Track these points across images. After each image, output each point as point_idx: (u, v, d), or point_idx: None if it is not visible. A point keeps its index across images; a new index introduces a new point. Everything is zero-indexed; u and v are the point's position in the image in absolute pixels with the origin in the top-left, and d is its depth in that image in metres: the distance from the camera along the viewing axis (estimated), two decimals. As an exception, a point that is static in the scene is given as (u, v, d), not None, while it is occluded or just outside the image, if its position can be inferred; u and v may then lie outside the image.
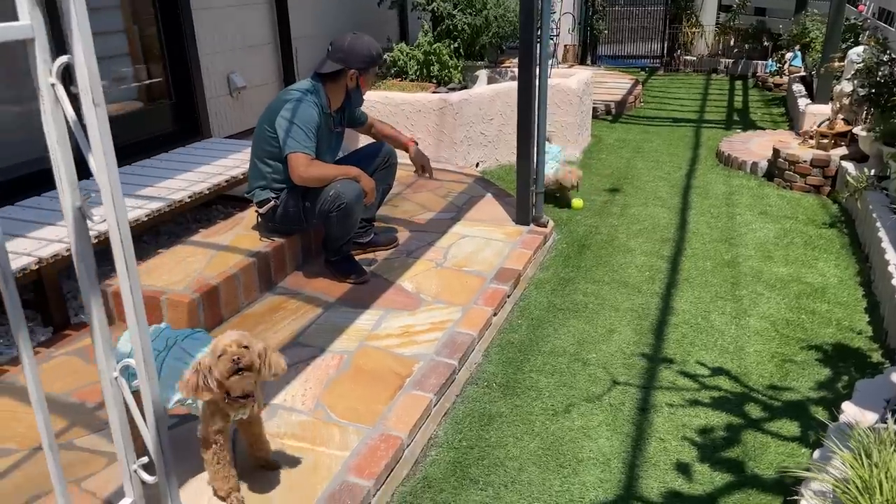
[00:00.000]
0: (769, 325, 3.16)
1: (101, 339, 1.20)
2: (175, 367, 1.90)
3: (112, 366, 1.20)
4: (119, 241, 1.11)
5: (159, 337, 2.00)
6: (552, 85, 5.72)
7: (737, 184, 5.14)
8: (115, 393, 1.22)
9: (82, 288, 1.19)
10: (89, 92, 1.05)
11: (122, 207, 1.14)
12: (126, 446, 1.27)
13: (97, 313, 1.19)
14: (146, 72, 4.38)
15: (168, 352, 1.95)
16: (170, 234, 3.97)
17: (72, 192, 1.15)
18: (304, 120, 3.11)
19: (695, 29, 10.47)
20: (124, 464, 1.29)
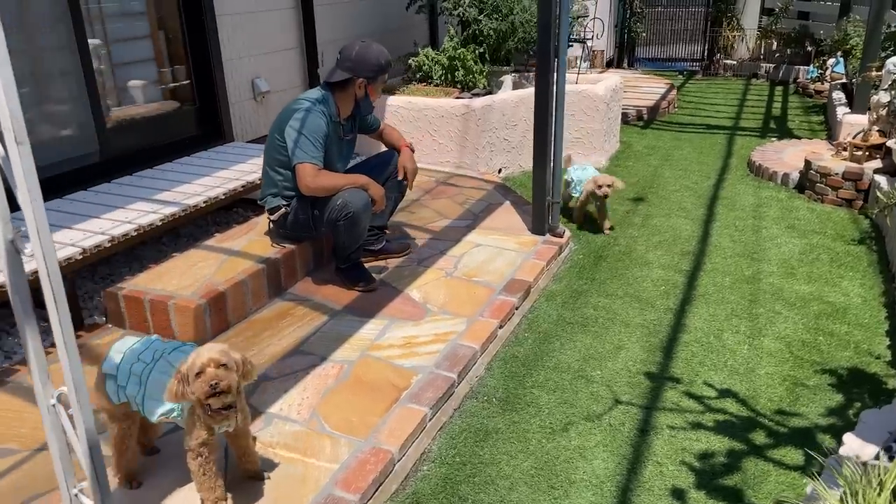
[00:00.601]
0: (784, 346, 3.06)
1: (38, 368, 1.22)
2: (160, 381, 1.93)
3: (49, 393, 1.22)
4: (46, 273, 1.12)
5: (147, 349, 2.03)
6: (578, 91, 5.67)
7: (766, 195, 5.00)
8: (52, 420, 1.24)
9: (17, 318, 1.21)
10: (11, 131, 1.06)
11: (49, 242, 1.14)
12: (66, 470, 1.29)
13: (32, 343, 1.20)
14: (171, 76, 4.47)
15: (154, 364, 1.98)
16: (189, 236, 4.04)
17: (3, 226, 1.16)
18: (312, 130, 3.13)
19: (735, 32, 10.23)
20: (64, 488, 1.31)
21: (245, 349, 2.90)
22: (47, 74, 3.67)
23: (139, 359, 1.99)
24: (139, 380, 1.96)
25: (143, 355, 2.00)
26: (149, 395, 1.94)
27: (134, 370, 1.97)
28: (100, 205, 3.43)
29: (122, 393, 1.97)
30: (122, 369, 1.97)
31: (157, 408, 1.94)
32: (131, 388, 1.97)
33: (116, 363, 1.98)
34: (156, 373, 1.94)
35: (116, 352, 2.02)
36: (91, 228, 3.14)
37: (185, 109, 4.52)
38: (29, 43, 3.58)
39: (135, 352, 2.02)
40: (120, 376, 1.97)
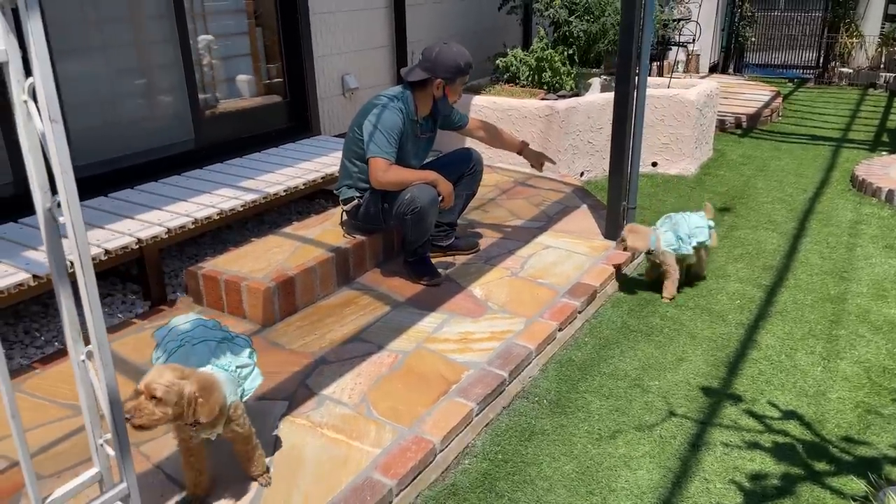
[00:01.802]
0: (862, 370, 2.87)
1: (70, 326, 1.33)
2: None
3: (80, 350, 1.33)
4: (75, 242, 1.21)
5: (171, 334, 2.11)
6: (670, 95, 5.51)
7: (866, 212, 4.68)
8: (82, 375, 1.35)
9: (53, 279, 1.32)
10: (46, 109, 1.16)
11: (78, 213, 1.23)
12: (93, 422, 1.41)
13: (65, 302, 1.32)
14: (264, 71, 4.71)
15: (175, 353, 2.01)
16: (271, 223, 4.25)
17: (42, 196, 1.27)
18: (388, 126, 3.22)
19: (854, 39, 9.60)
20: (91, 438, 1.43)
21: (308, 333, 3.03)
22: (151, 66, 3.97)
23: (181, 334, 2.08)
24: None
25: (192, 334, 2.08)
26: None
27: (170, 348, 2.05)
28: (189, 189, 3.67)
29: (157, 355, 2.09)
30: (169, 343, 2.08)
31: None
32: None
33: (177, 331, 2.11)
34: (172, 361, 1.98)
35: (178, 322, 2.15)
36: (178, 211, 3.36)
37: (276, 103, 4.75)
38: (136, 36, 3.88)
39: (178, 332, 2.10)
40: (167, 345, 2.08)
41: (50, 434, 2.37)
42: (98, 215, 3.32)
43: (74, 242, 1.22)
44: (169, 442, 2.31)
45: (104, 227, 3.17)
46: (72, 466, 2.22)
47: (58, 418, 2.45)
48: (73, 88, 3.57)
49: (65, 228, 1.27)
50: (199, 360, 2.01)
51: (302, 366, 2.77)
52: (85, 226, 3.19)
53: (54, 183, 1.22)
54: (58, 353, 2.87)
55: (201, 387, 1.78)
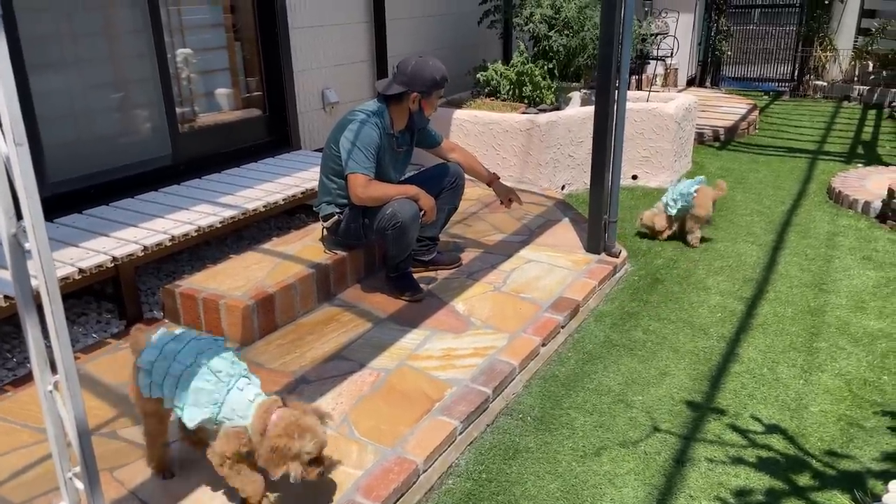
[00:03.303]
0: (843, 383, 2.88)
1: (37, 355, 1.29)
2: (203, 389, 1.98)
3: (47, 380, 1.29)
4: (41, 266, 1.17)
5: (185, 349, 2.04)
6: (649, 109, 5.56)
7: (843, 224, 4.73)
8: (49, 406, 1.31)
9: (19, 307, 1.27)
10: (11, 132, 1.12)
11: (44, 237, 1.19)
12: (61, 455, 1.36)
13: (32, 331, 1.27)
14: (243, 85, 4.67)
15: (194, 368, 2.00)
16: (251, 239, 4.20)
17: (7, 221, 1.22)
18: (365, 142, 3.19)
19: (828, 52, 9.76)
20: (59, 471, 1.38)
21: (288, 352, 2.98)
22: (127, 80, 3.91)
23: (177, 359, 2.02)
24: (176, 382, 2.00)
25: (181, 356, 2.03)
26: (193, 403, 1.99)
27: (172, 371, 2.01)
28: (166, 205, 3.62)
29: (157, 390, 2.03)
30: (158, 367, 2.03)
31: (198, 415, 1.99)
32: (168, 390, 2.01)
33: (152, 360, 2.05)
34: (199, 381, 1.98)
35: (152, 347, 2.09)
36: (155, 228, 3.31)
37: (255, 117, 4.71)
38: (112, 50, 3.82)
39: (172, 351, 2.05)
40: (155, 374, 2.02)
41: (21, 460, 2.30)
42: (72, 233, 3.25)
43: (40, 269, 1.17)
44: (143, 467, 2.25)
45: (78, 245, 3.10)
46: (44, 493, 2.15)
47: (29, 443, 2.38)
48: (47, 103, 3.51)
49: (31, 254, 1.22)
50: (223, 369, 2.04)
51: (282, 385, 2.72)
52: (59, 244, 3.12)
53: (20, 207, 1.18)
54: (30, 376, 2.80)
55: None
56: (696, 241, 4.33)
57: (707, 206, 4.26)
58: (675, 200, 4.27)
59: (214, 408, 1.99)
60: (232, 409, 1.99)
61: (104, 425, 2.48)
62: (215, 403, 1.99)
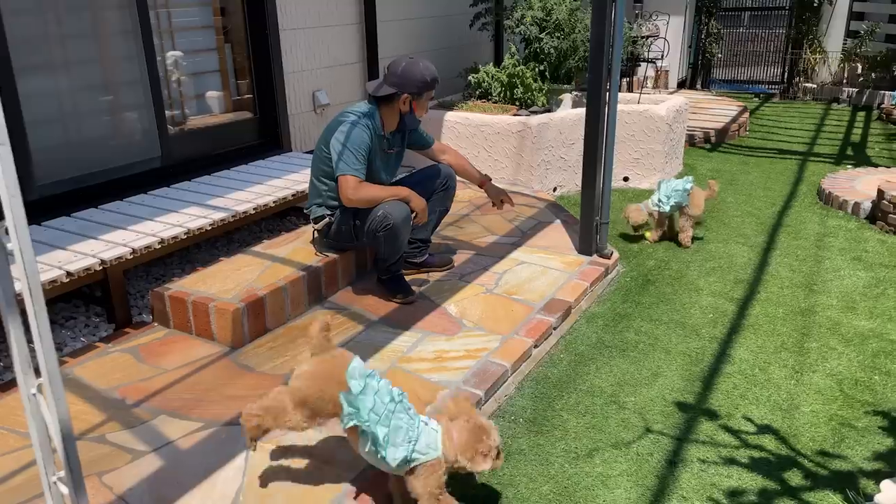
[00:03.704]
0: (834, 383, 2.89)
1: (20, 358, 1.27)
2: (399, 428, 1.98)
3: (30, 383, 1.27)
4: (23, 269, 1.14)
5: (382, 390, 2.02)
6: (640, 111, 5.57)
7: (833, 225, 4.75)
8: (32, 409, 1.29)
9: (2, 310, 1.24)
10: None
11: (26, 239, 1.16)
12: (45, 459, 1.34)
13: (14, 333, 1.25)
14: (233, 87, 4.65)
15: (395, 406, 2.00)
16: (241, 241, 4.17)
17: None
18: (356, 143, 3.18)
19: (817, 55, 9.82)
20: (43, 475, 1.36)
21: (279, 355, 2.96)
22: (116, 83, 3.88)
23: (377, 397, 2.00)
24: (379, 418, 1.97)
25: (382, 393, 2.01)
26: (392, 443, 1.97)
27: (376, 408, 1.98)
28: (156, 208, 3.59)
29: (357, 421, 1.98)
30: (363, 399, 1.98)
31: (399, 454, 1.97)
32: (372, 420, 1.97)
33: (359, 389, 1.97)
34: (396, 420, 1.98)
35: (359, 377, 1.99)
36: (144, 230, 3.28)
37: (245, 119, 4.68)
38: (101, 52, 3.80)
39: (373, 389, 2.00)
40: (362, 407, 1.97)
41: (7, 465, 2.27)
42: (61, 236, 3.22)
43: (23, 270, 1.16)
44: (131, 471, 2.23)
45: (66, 249, 3.08)
46: (30, 499, 2.12)
47: (15, 448, 2.35)
48: (35, 105, 3.48)
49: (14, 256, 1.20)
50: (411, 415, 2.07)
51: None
52: (47, 246, 3.09)
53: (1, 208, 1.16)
54: (16, 380, 2.77)
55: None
56: (687, 241, 4.34)
57: (700, 204, 4.32)
58: (669, 197, 4.27)
59: (410, 445, 1.99)
60: (426, 444, 2.01)
61: (92, 430, 2.45)
62: (410, 441, 1.99)
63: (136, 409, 2.58)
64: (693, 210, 4.28)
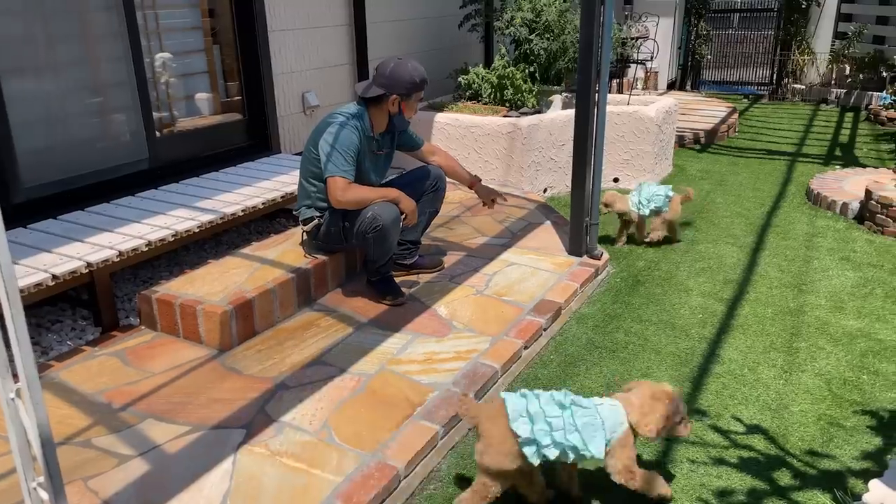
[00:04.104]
0: (823, 383, 2.90)
1: None
2: (591, 424, 2.06)
3: (9, 387, 1.25)
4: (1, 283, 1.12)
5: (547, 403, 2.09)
6: (630, 112, 5.58)
7: (822, 225, 4.77)
8: (11, 413, 1.27)
9: None
10: None
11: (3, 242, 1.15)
12: (25, 465, 1.32)
13: None
14: (222, 89, 4.63)
15: (571, 410, 2.07)
16: (229, 243, 4.15)
17: None
18: (345, 145, 3.17)
19: (806, 56, 9.89)
20: (23, 481, 1.34)
21: (267, 357, 2.94)
22: (103, 84, 3.85)
23: (547, 415, 2.05)
24: (565, 429, 2.04)
25: (548, 409, 2.06)
26: (590, 440, 2.05)
27: (555, 425, 2.04)
28: (143, 210, 3.57)
29: (551, 451, 2.04)
30: (539, 431, 2.03)
31: (600, 443, 2.06)
32: (560, 437, 2.03)
33: (530, 428, 2.03)
34: (580, 418, 2.06)
35: (520, 420, 2.05)
36: (131, 233, 3.25)
37: (234, 121, 4.66)
38: (88, 53, 3.77)
39: (540, 413, 2.06)
40: (540, 438, 2.03)
41: (-10, 471, 2.24)
42: (46, 238, 3.19)
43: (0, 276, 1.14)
44: (117, 476, 2.21)
45: (52, 251, 3.05)
46: (13, 505, 2.10)
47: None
48: (21, 108, 3.44)
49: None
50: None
51: (261, 392, 2.68)
52: (32, 249, 3.06)
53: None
54: None
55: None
56: (656, 238, 4.37)
57: (678, 209, 4.35)
58: (650, 201, 4.27)
59: (603, 432, 2.07)
60: (612, 423, 2.08)
61: (78, 434, 2.43)
62: (601, 428, 2.07)
63: (122, 412, 2.56)
64: (672, 215, 4.32)
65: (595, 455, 2.06)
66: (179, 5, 4.34)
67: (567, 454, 2.06)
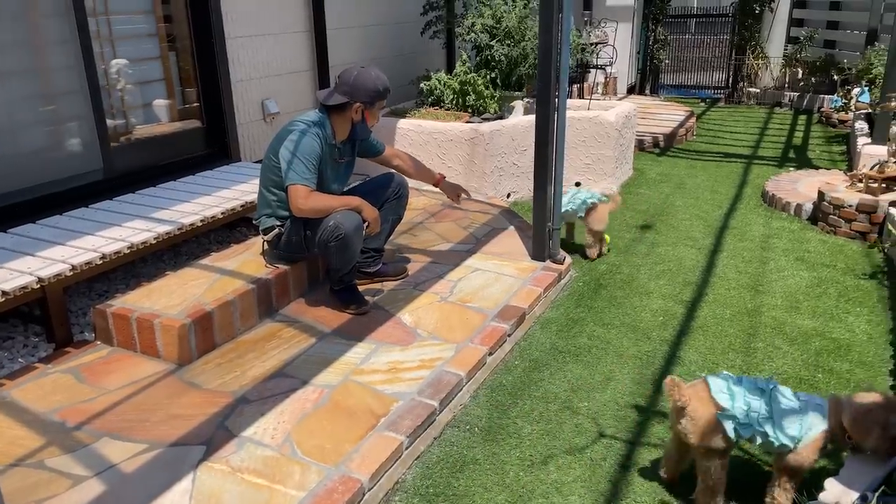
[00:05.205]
0: (780, 382, 2.94)
1: None
2: (787, 410, 2.13)
3: None
4: None
5: (748, 388, 2.17)
6: (590, 117, 5.64)
7: (777, 226, 4.88)
8: None
9: None
10: None
11: None
12: None
13: None
14: (179, 96, 4.54)
15: (769, 396, 2.15)
16: (189, 254, 4.07)
17: None
18: (306, 153, 3.14)
19: (760, 60, 10.13)
20: None
21: (227, 371, 2.89)
22: (53, 93, 3.75)
23: (747, 398, 2.15)
24: (759, 414, 2.13)
25: (749, 394, 2.16)
26: (777, 425, 2.12)
27: (753, 407, 2.13)
28: (97, 222, 3.48)
29: (746, 430, 2.13)
30: (739, 409, 2.13)
31: (792, 430, 2.12)
32: (756, 423, 2.13)
33: (731, 405, 2.13)
34: (778, 405, 2.13)
35: (721, 394, 2.16)
36: (85, 245, 3.17)
37: (192, 129, 4.58)
38: (36, 61, 3.67)
39: (740, 393, 2.16)
40: (739, 415, 2.13)
41: (-63, 497, 2.16)
42: (-5, 253, 3.10)
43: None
44: (71, 498, 2.14)
45: (2, 266, 2.95)
46: (-39, 532, 2.02)
47: (-53, 479, 2.24)
48: (-34, 117, 3.34)
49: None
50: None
51: (220, 406, 2.63)
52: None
53: None
54: (-51, 405, 2.64)
55: None
56: (593, 255, 4.31)
57: (604, 219, 4.25)
58: (567, 203, 4.21)
59: (798, 425, 2.13)
60: (811, 421, 2.13)
61: (30, 455, 2.35)
62: (798, 421, 2.13)
63: (76, 432, 2.49)
64: (596, 224, 4.22)
65: (785, 442, 2.12)
66: (134, 11, 4.25)
67: (758, 438, 2.14)
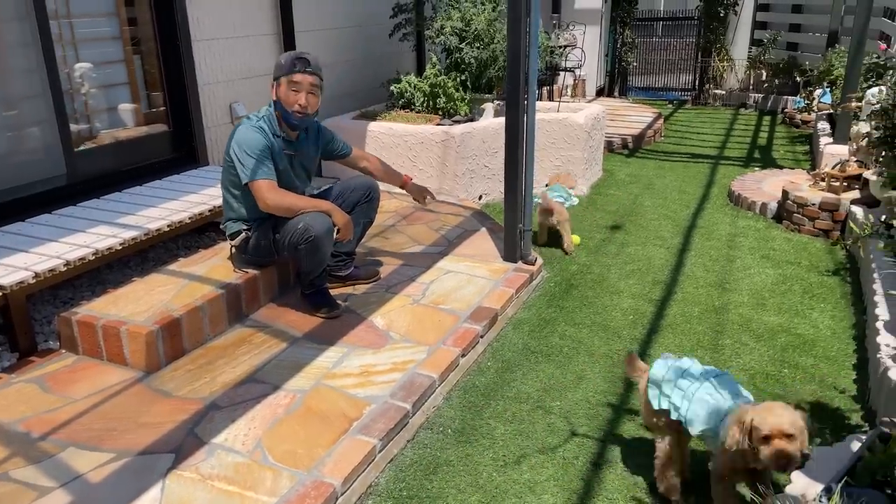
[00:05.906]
0: (746, 378, 3.01)
1: None
2: (705, 401, 2.11)
3: None
4: None
5: (690, 368, 2.22)
6: (559, 119, 5.68)
7: (743, 225, 4.97)
8: None
9: None
10: None
11: None
12: None
13: None
14: (144, 100, 4.48)
15: (701, 383, 2.15)
16: (156, 260, 4.01)
17: None
18: (252, 146, 3.10)
19: (725, 62, 10.30)
20: None
21: (197, 377, 2.85)
22: (13, 97, 3.67)
23: (684, 375, 2.18)
24: (684, 395, 2.15)
25: (689, 372, 2.20)
26: (693, 413, 2.11)
27: (680, 385, 2.17)
28: (61, 228, 3.41)
29: (665, 401, 2.17)
30: (667, 380, 2.19)
31: (698, 424, 2.10)
32: (676, 400, 2.16)
33: (661, 375, 2.21)
34: (702, 392, 2.12)
35: (660, 366, 2.25)
36: (48, 252, 3.11)
37: (158, 133, 4.51)
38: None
39: (679, 368, 2.22)
40: (664, 386, 2.19)
41: None
42: (-46, 261, 3.02)
43: None
44: (38, 510, 2.09)
45: (-39, 274, 2.88)
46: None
47: None
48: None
49: None
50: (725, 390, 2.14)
51: (190, 413, 2.59)
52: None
53: None
54: None
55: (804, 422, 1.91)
56: (570, 249, 4.46)
57: (562, 210, 4.46)
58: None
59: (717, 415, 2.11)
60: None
61: (-7, 468, 2.30)
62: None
63: (42, 442, 2.44)
64: (560, 217, 4.44)
65: (687, 426, 2.14)
66: (97, 14, 4.18)
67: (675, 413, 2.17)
